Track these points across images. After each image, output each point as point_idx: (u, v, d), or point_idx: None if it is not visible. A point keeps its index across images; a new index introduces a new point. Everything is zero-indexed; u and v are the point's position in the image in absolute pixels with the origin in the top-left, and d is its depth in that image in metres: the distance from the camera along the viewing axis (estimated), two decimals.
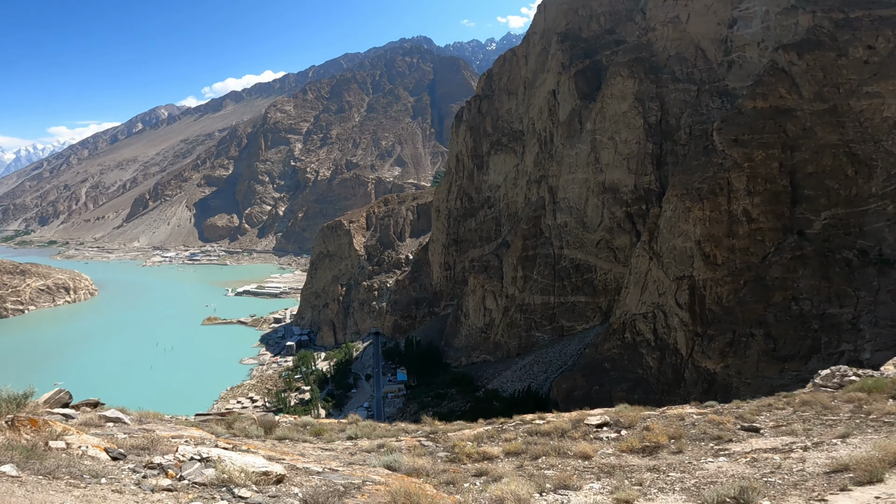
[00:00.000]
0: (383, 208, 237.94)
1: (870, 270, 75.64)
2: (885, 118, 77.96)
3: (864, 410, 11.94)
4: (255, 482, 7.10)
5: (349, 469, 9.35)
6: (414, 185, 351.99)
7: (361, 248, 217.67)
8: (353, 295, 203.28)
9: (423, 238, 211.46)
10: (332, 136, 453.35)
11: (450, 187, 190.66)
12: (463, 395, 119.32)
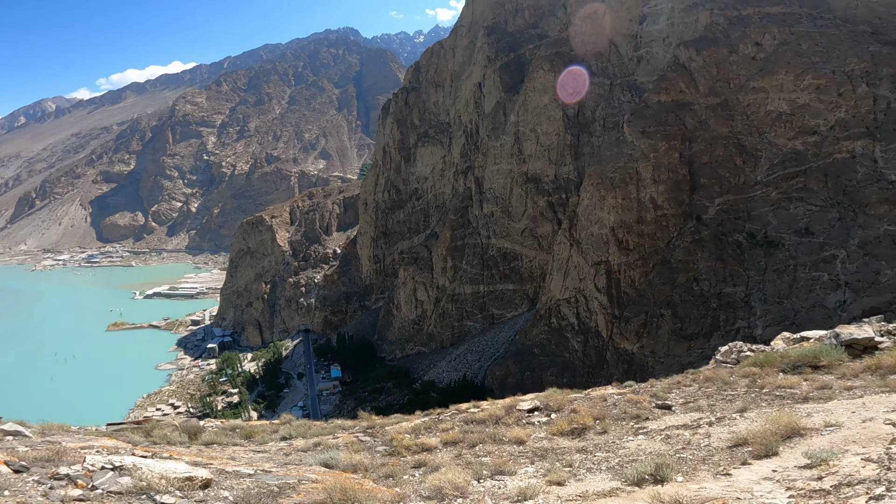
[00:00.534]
0: (308, 202, 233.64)
1: (757, 252, 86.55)
2: (768, 112, 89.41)
3: (758, 385, 12.65)
4: (179, 488, 6.87)
5: (284, 469, 9.30)
6: (340, 178, 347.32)
7: (285, 244, 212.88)
8: (279, 292, 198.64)
9: (351, 231, 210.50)
10: (251, 128, 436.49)
11: (377, 179, 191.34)
12: (400, 388, 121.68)
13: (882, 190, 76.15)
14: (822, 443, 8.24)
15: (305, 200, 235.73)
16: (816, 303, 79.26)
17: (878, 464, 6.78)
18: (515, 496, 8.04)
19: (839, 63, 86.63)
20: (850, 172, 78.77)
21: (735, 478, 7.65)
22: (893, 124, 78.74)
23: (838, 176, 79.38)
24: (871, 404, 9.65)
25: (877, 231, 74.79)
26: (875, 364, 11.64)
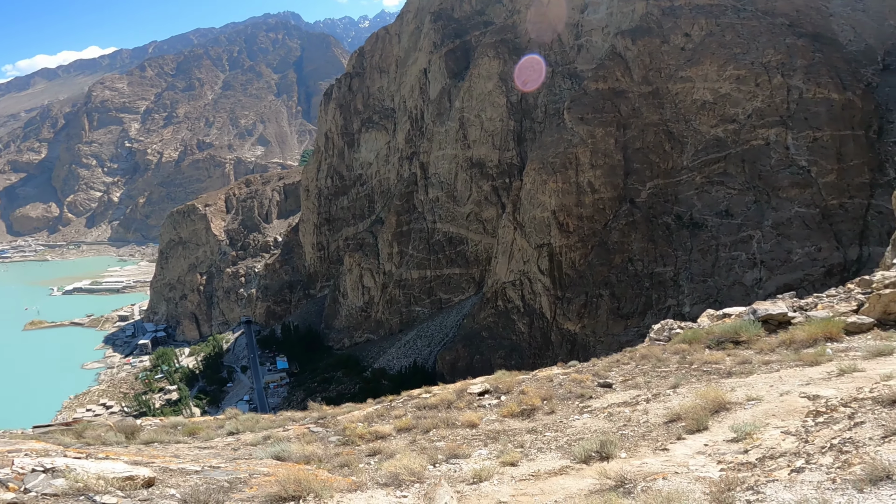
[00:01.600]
0: (245, 189, 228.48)
1: (684, 233, 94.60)
2: (694, 100, 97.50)
3: (687, 361, 13.38)
4: (120, 488, 6.72)
5: (233, 464, 9.26)
6: (280, 165, 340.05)
7: (221, 233, 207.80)
8: (216, 283, 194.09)
9: (293, 219, 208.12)
10: (179, 114, 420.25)
11: (319, 166, 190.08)
12: (350, 376, 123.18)
13: (793, 175, 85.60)
14: (745, 416, 8.78)
15: (242, 188, 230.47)
16: (736, 280, 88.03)
17: (796, 437, 7.34)
18: (471, 478, 8.37)
19: (758, 54, 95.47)
20: (765, 158, 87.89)
21: (672, 452, 8.15)
22: (804, 113, 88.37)
23: (754, 161, 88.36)
24: (786, 378, 10.28)
25: (789, 213, 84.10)
26: (789, 338, 12.55)
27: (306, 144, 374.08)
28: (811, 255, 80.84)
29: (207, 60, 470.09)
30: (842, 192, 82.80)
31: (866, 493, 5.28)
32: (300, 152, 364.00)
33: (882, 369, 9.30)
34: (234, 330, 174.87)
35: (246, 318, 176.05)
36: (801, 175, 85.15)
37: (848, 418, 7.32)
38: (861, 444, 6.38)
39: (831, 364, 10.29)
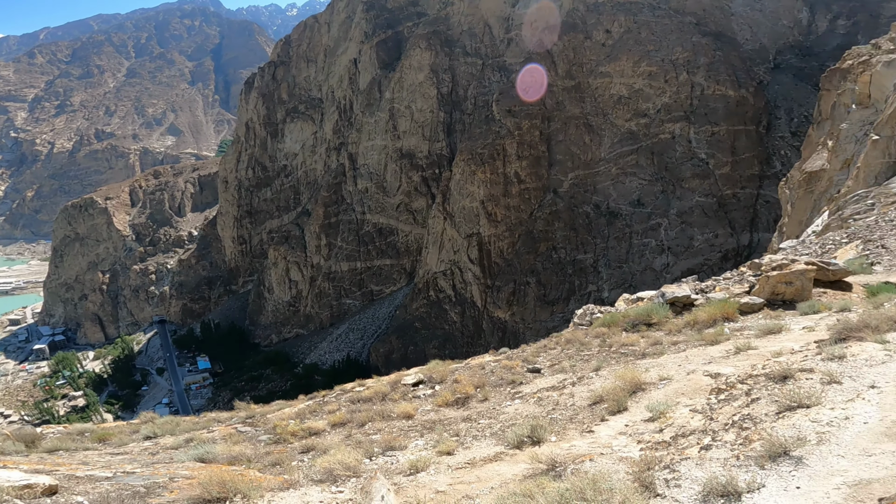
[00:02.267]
0: (153, 181, 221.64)
1: (602, 221, 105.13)
2: (611, 95, 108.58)
3: (607, 344, 14.39)
4: (18, 496, 6.61)
5: (150, 469, 9.25)
6: (194, 156, 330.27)
7: (126, 228, 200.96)
8: (122, 282, 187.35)
9: (210, 212, 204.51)
10: (74, 103, 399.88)
11: (239, 156, 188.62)
12: (281, 374, 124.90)
13: (694, 167, 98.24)
14: (659, 396, 9.54)
15: (150, 179, 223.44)
16: (647, 266, 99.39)
17: (702, 414, 8.09)
18: (407, 470, 8.66)
19: (668, 52, 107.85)
20: (671, 151, 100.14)
21: (597, 434, 8.82)
22: (705, 109, 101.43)
23: (662, 154, 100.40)
24: (692, 357, 11.32)
25: (691, 202, 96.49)
26: (693, 319, 13.85)
27: (225, 134, 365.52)
28: (710, 241, 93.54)
29: (109, 47, 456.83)
30: (735, 183, 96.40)
31: (767, 469, 5.89)
32: (218, 142, 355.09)
33: (772, 346, 10.51)
34: (145, 330, 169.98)
35: (159, 317, 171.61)
36: (701, 167, 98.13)
37: (745, 395, 8.07)
38: (759, 421, 7.08)
39: (729, 343, 11.52)
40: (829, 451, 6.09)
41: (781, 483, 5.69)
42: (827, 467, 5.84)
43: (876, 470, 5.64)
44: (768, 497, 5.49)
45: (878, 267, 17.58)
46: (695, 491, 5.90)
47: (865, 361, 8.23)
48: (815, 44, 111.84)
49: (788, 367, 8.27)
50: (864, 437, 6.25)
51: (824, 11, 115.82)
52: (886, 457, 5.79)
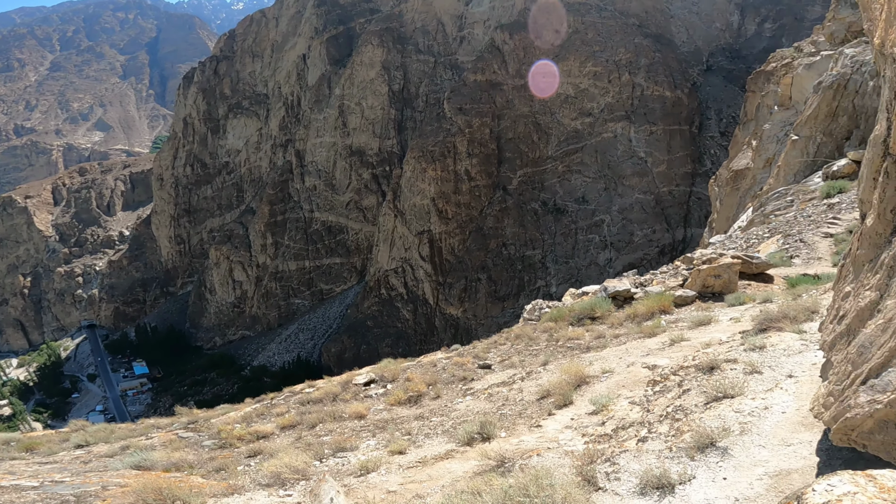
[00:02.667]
0: (79, 179, 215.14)
1: (549, 218, 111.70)
2: (559, 94, 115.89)
3: (554, 338, 14.91)
4: None
5: (81, 478, 9.15)
6: (125, 152, 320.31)
7: (49, 228, 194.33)
8: (46, 285, 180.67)
9: (143, 210, 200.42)
10: None
11: (176, 153, 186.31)
12: (227, 377, 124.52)
13: (634, 165, 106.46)
14: (601, 389, 10.05)
15: (75, 177, 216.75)
16: (592, 261, 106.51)
17: (640, 406, 8.66)
18: (358, 470, 8.84)
19: (612, 52, 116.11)
20: (613, 149, 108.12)
21: (545, 429, 9.16)
22: (644, 109, 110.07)
23: (605, 152, 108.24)
24: (631, 350, 12.00)
25: (631, 199, 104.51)
26: (633, 313, 14.71)
27: (160, 130, 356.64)
28: (648, 236, 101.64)
29: (32, 40, 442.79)
30: (670, 181, 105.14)
31: (697, 460, 6.38)
32: (152, 138, 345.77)
33: (702, 337, 11.36)
34: (73, 336, 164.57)
35: (88, 321, 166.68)
36: (640, 165, 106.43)
37: (678, 386, 8.63)
38: (689, 412, 7.58)
39: (665, 335, 12.31)
40: (752, 441, 6.60)
41: (710, 474, 6.15)
42: (750, 458, 6.30)
43: (794, 460, 6.11)
44: (698, 488, 5.94)
45: (797, 260, 19.16)
46: (633, 483, 6.33)
47: (784, 351, 8.90)
48: (744, 46, 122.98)
49: (715, 359, 9.00)
50: (783, 427, 6.76)
51: (753, 15, 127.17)
52: (803, 447, 6.28)
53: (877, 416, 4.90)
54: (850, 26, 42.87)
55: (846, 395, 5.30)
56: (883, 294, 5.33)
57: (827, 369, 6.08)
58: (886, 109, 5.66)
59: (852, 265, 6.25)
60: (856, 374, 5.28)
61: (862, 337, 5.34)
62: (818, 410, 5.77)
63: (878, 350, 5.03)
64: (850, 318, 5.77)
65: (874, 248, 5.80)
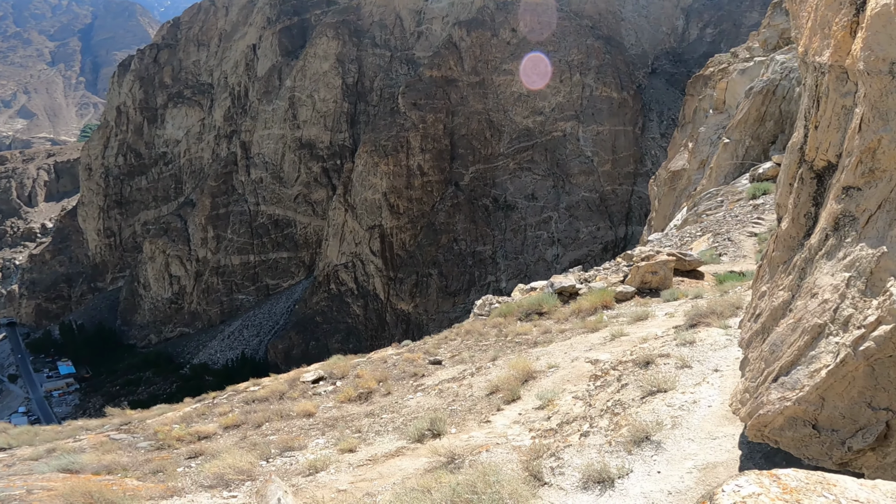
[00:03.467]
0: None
1: (499, 214, 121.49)
2: (512, 92, 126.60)
3: (503, 333, 16.16)
4: None
5: (4, 482, 9.19)
6: (50, 140, 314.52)
7: None
8: None
9: (68, 201, 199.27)
10: None
11: (107, 142, 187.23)
12: (164, 375, 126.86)
13: (582, 163, 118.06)
14: (547, 384, 11.01)
15: None
16: (540, 257, 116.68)
17: (583, 401, 9.55)
18: (307, 470, 9.26)
19: (565, 53, 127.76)
20: (562, 148, 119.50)
21: (494, 424, 10.03)
22: (592, 109, 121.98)
23: (554, 150, 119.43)
24: (576, 345, 13.21)
25: (577, 197, 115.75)
26: (577, 308, 16.07)
27: (90, 118, 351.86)
28: (593, 233, 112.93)
29: None
30: (614, 180, 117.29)
31: (634, 454, 7.12)
32: (81, 127, 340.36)
33: (640, 332, 12.59)
34: None
35: (7, 319, 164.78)
36: (587, 164, 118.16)
37: (617, 381, 9.65)
38: (627, 406, 8.49)
39: (606, 330, 13.48)
40: (682, 434, 7.44)
41: (645, 468, 6.89)
42: (681, 451, 7.11)
43: (720, 454, 6.89)
44: (635, 482, 6.65)
45: (725, 258, 21.38)
46: (576, 478, 6.99)
47: (710, 346, 9.94)
48: (687, 51, 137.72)
49: (650, 354, 10.02)
50: (709, 421, 7.61)
51: (697, 20, 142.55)
52: (727, 440, 7.12)
53: (787, 412, 5.40)
54: (782, 33, 48.08)
55: (759, 391, 5.86)
56: (794, 294, 5.90)
57: (745, 366, 6.69)
58: (805, 117, 6.26)
59: (768, 266, 6.92)
60: (768, 372, 5.83)
61: (774, 335, 5.93)
62: (735, 406, 6.39)
63: (787, 349, 5.55)
64: (764, 316, 6.41)
65: (788, 250, 6.37)
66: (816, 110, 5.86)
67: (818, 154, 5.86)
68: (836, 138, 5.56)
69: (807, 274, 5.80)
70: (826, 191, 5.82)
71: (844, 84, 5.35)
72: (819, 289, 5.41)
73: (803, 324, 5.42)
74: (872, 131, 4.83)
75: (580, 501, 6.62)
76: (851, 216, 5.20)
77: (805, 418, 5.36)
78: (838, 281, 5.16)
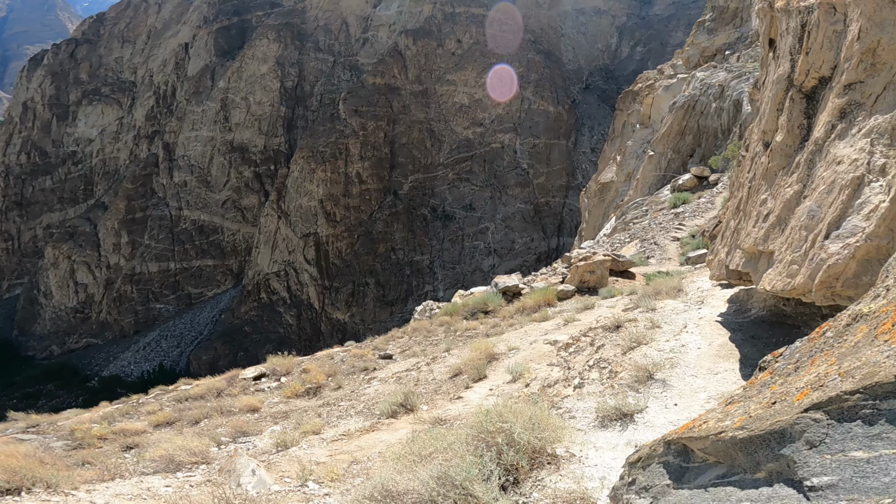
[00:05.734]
0: None
1: (438, 224, 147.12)
2: (454, 103, 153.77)
3: (452, 329, 20.10)
4: None
5: None
6: None
7: None
8: None
9: None
10: None
11: (10, 139, 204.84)
12: (68, 388, 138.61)
13: (518, 175, 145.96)
14: (512, 362, 13.12)
15: None
16: (477, 267, 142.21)
17: (559, 367, 11.68)
18: (273, 448, 10.40)
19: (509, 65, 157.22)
20: (500, 160, 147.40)
21: (467, 399, 11.81)
22: (529, 122, 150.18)
23: (492, 162, 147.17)
24: (530, 331, 16.35)
25: (513, 208, 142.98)
26: (522, 306, 20.33)
27: None
28: (527, 244, 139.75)
29: None
30: (548, 192, 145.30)
31: (642, 392, 8.52)
32: None
33: (593, 316, 16.12)
34: None
35: None
36: (523, 176, 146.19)
37: (590, 345, 11.97)
38: (612, 361, 10.29)
39: (558, 318, 17.03)
40: (684, 372, 9.01)
41: (660, 403, 8.17)
42: (688, 386, 8.56)
43: (728, 385, 8.32)
44: (656, 414, 7.84)
45: (653, 260, 27.59)
46: (590, 419, 8.23)
47: (672, 310, 12.99)
48: (618, 67, 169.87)
49: (618, 319, 12.89)
50: (705, 360, 9.37)
51: (629, 38, 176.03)
52: (729, 374, 8.69)
53: (858, 254, 6.34)
54: (703, 51, 59.34)
55: (812, 254, 7.01)
56: (805, 184, 7.70)
57: (765, 261, 8.59)
58: (790, 53, 8.97)
59: (763, 179, 9.23)
60: (815, 235, 7.08)
61: (804, 208, 7.42)
62: (782, 283, 7.68)
63: (828, 208, 6.88)
64: (777, 210, 8.36)
65: (785, 157, 8.68)
66: (807, 40, 8.42)
67: (809, 75, 8.31)
68: (829, 56, 7.95)
69: (816, 163, 7.65)
70: (817, 104, 8.22)
71: (833, 15, 7.87)
72: (843, 156, 6.96)
73: (839, 182, 6.82)
74: (871, 37, 6.89)
75: (605, 437, 7.66)
76: (857, 103, 7.11)
77: (879, 256, 6.16)
78: (862, 144, 6.72)
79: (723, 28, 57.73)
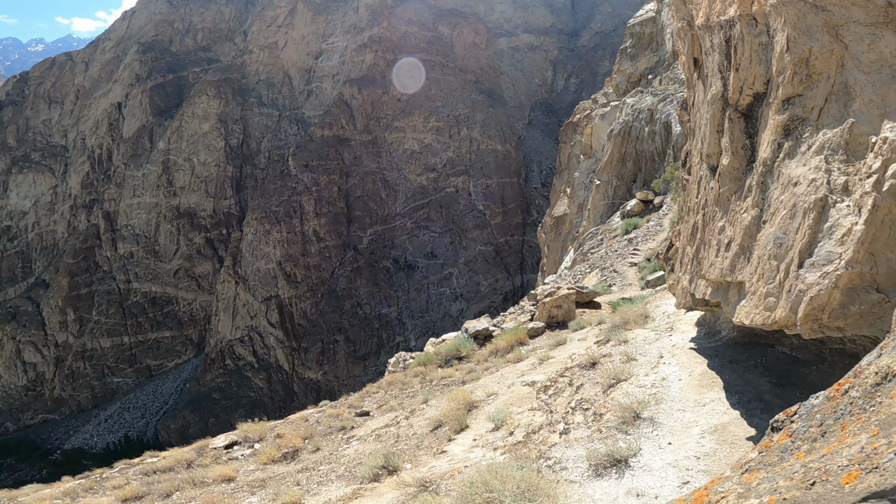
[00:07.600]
0: None
1: (402, 275, 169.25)
2: (405, 150, 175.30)
3: (427, 379, 22.27)
4: None
5: None
6: None
7: None
8: None
9: None
10: None
11: None
12: (30, 462, 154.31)
13: (475, 218, 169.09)
14: (493, 409, 14.38)
15: None
16: (445, 313, 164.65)
17: (541, 411, 12.50)
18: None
19: (452, 108, 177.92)
20: (456, 204, 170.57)
21: (451, 453, 12.77)
22: (480, 163, 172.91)
23: (449, 206, 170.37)
24: (507, 374, 17.94)
25: (474, 251, 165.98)
26: (495, 348, 23.11)
27: None
28: (492, 285, 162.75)
29: None
30: (506, 231, 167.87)
31: (632, 433, 9.23)
32: None
33: (566, 352, 17.60)
34: None
35: None
36: (480, 218, 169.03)
37: (569, 385, 12.90)
38: (594, 400, 11.10)
39: (532, 358, 18.66)
40: (671, 407, 9.76)
41: (653, 443, 8.81)
42: (678, 422, 9.31)
43: (719, 415, 9.05)
44: (652, 456, 8.43)
45: (615, 287, 32.04)
46: (583, 468, 8.88)
47: (644, 340, 14.30)
48: (556, 101, 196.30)
49: (592, 355, 14.19)
50: (688, 391, 10.17)
51: (562, 71, 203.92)
52: (717, 404, 9.43)
53: (841, 283, 6.56)
54: (629, 77, 65.52)
55: (789, 285, 7.32)
56: (762, 208, 8.11)
57: (737, 291, 9.12)
58: (720, 71, 9.55)
59: (717, 206, 9.82)
60: (786, 263, 7.37)
61: (767, 235, 7.69)
62: (762, 318, 8.01)
63: (796, 234, 7.18)
64: (739, 238, 8.83)
65: (735, 181, 9.23)
66: (735, 56, 8.95)
67: (743, 93, 8.83)
68: (759, 70, 8.43)
69: (769, 185, 8.08)
70: (757, 122, 8.71)
71: (755, 27, 8.35)
72: (798, 177, 7.35)
73: (801, 206, 7.15)
74: (801, 46, 7.24)
75: (603, 489, 8.10)
76: (800, 118, 7.57)
77: (864, 284, 6.46)
78: (816, 163, 7.11)
79: (643, 53, 66.16)
